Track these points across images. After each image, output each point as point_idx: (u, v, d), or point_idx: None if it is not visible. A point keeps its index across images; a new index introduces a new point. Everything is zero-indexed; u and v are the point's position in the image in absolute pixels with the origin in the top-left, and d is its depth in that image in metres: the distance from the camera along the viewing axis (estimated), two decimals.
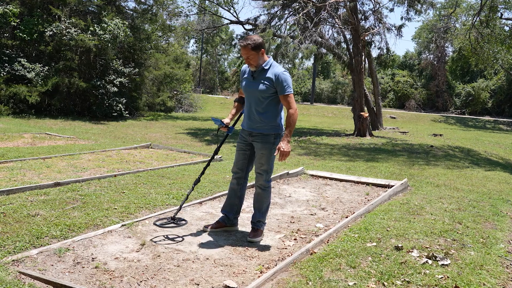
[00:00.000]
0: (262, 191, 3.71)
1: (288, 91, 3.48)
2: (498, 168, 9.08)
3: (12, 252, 3.08)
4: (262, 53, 3.51)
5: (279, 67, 3.55)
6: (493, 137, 18.63)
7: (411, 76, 40.28)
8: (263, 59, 3.54)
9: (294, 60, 14.46)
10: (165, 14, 21.66)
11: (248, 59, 3.49)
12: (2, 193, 4.46)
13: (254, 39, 3.48)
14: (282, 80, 3.46)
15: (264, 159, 3.63)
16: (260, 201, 3.73)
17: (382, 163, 8.80)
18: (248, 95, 3.64)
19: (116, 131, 13.04)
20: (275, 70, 3.51)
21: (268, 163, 3.64)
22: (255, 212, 3.76)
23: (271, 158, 3.64)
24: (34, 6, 16.14)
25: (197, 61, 45.22)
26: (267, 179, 3.69)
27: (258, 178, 3.70)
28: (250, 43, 3.45)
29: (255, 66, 3.52)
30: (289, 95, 3.48)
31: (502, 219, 4.66)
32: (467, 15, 28.52)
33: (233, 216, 3.88)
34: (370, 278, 2.92)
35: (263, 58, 3.54)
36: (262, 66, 3.53)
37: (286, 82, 3.48)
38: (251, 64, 3.52)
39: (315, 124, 21.33)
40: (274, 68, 3.53)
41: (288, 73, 3.53)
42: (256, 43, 3.46)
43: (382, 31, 15.67)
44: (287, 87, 3.48)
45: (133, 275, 2.87)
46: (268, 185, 3.70)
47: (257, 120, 3.60)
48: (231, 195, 3.86)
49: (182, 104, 25.81)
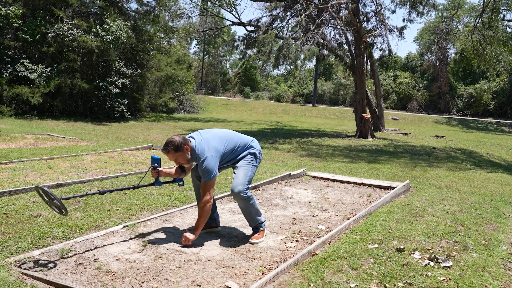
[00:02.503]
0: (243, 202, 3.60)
1: (205, 180, 3.42)
2: (500, 170, 9.06)
3: (15, 253, 3.09)
4: (187, 150, 3.43)
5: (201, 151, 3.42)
6: (495, 139, 18.60)
7: (413, 77, 40.24)
8: (189, 155, 3.45)
9: (296, 61, 14.49)
10: (167, 16, 21.73)
11: (177, 161, 3.47)
12: (5, 194, 4.47)
13: (173, 140, 3.39)
14: (202, 166, 3.40)
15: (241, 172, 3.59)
16: (247, 211, 3.68)
17: (384, 164, 8.80)
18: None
19: (118, 132, 13.07)
20: (197, 155, 3.44)
21: (244, 176, 3.58)
22: (249, 222, 3.74)
23: (248, 170, 3.62)
24: (37, 8, 16.20)
25: (199, 63, 45.26)
26: (242, 189, 3.54)
27: (235, 195, 3.57)
28: (170, 147, 3.38)
29: (187, 163, 3.50)
30: (206, 183, 3.43)
31: (504, 221, 4.65)
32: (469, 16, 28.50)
33: (217, 215, 3.89)
34: (372, 280, 2.92)
35: (188, 154, 3.45)
36: (191, 160, 3.50)
37: (206, 168, 3.39)
38: (183, 163, 3.51)
39: (317, 126, 21.33)
40: (194, 154, 3.45)
41: (210, 158, 3.41)
42: (175, 144, 3.37)
43: (384, 33, 15.66)
44: (206, 174, 3.40)
45: (134, 276, 2.88)
46: (246, 196, 3.57)
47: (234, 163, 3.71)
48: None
49: (184, 105, 25.85)
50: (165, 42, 23.54)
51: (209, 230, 3.85)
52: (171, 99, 22.70)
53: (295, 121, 24.20)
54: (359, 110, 14.52)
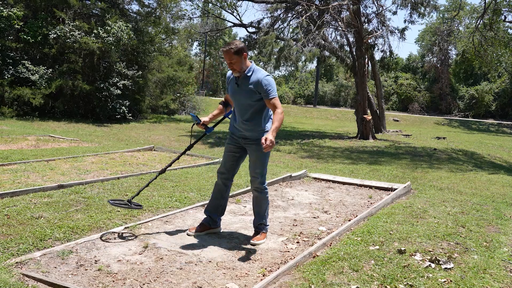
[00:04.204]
0: (259, 194, 3.73)
1: (272, 95, 3.47)
2: (501, 171, 9.05)
3: (16, 254, 3.09)
4: (245, 58, 3.49)
5: (261, 71, 3.54)
6: (496, 140, 18.58)
7: (415, 79, 40.25)
8: (245, 64, 3.52)
9: (297, 63, 14.51)
10: (169, 17, 21.75)
11: (231, 64, 3.48)
12: (6, 195, 4.47)
13: (236, 43, 3.48)
14: (266, 85, 3.45)
15: (258, 163, 3.65)
16: (258, 204, 3.75)
17: (385, 166, 8.79)
18: (235, 102, 3.67)
19: (120, 133, 13.08)
20: (258, 75, 3.50)
21: (262, 166, 3.66)
22: (256, 216, 3.79)
23: (265, 160, 3.67)
24: (38, 9, 16.23)
25: (200, 64, 45.32)
26: (262, 181, 3.70)
27: (253, 182, 3.71)
28: (233, 47, 3.44)
29: (238, 72, 3.51)
30: (273, 98, 3.47)
31: (505, 223, 4.64)
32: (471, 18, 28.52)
33: (217, 217, 3.88)
34: (373, 282, 2.92)
35: (246, 63, 3.52)
36: (245, 73, 3.52)
37: (270, 85, 3.46)
38: (234, 69, 3.50)
39: (318, 127, 21.33)
40: (257, 73, 3.52)
41: (271, 77, 3.52)
42: (238, 47, 3.45)
43: (385, 34, 15.68)
44: (271, 90, 3.46)
45: (135, 278, 2.88)
46: (264, 187, 3.72)
47: (247, 127, 3.61)
48: (217, 196, 3.85)
49: (185, 107, 25.86)
50: (166, 44, 23.56)
51: (210, 231, 3.86)
52: (172, 100, 22.70)
53: (296, 123, 24.20)
54: (360, 111, 14.52)
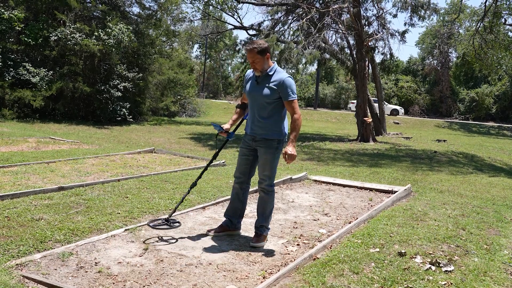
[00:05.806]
0: (266, 195, 3.73)
1: (292, 97, 3.50)
2: (502, 174, 9.04)
3: (16, 256, 3.09)
4: (268, 58, 3.52)
5: (283, 72, 3.57)
6: (497, 143, 18.57)
7: (415, 81, 40.27)
8: (268, 64, 3.55)
9: (297, 65, 14.50)
10: (169, 20, 21.79)
11: (254, 63, 3.51)
12: (6, 197, 4.47)
13: (260, 43, 3.52)
14: (287, 86, 3.48)
15: (267, 164, 3.66)
16: (263, 205, 3.75)
17: (386, 168, 8.79)
18: (252, 100, 3.66)
19: (120, 135, 13.09)
20: (280, 75, 3.53)
21: (271, 168, 3.67)
22: (259, 217, 3.77)
23: (274, 163, 3.67)
24: (39, 11, 16.28)
25: (200, 66, 45.34)
26: (270, 183, 3.71)
27: (261, 183, 3.73)
28: (256, 46, 3.47)
29: (260, 71, 3.54)
30: (293, 101, 3.50)
31: (506, 226, 4.64)
32: (471, 21, 28.56)
33: (236, 220, 3.90)
34: (373, 284, 2.92)
35: (268, 63, 3.56)
36: (267, 72, 3.55)
37: (291, 88, 3.49)
38: (256, 68, 3.54)
39: (319, 129, 21.34)
40: (279, 73, 3.55)
41: (292, 79, 3.55)
42: (262, 47, 3.48)
43: (386, 37, 15.68)
44: (292, 92, 3.49)
45: (136, 280, 2.88)
46: (271, 189, 3.73)
47: (260, 125, 3.61)
48: (234, 199, 3.88)
49: (185, 109, 25.88)
50: (167, 46, 23.59)
51: (229, 233, 3.88)
52: (172, 102, 22.71)
53: None
54: (361, 114, 14.52)
